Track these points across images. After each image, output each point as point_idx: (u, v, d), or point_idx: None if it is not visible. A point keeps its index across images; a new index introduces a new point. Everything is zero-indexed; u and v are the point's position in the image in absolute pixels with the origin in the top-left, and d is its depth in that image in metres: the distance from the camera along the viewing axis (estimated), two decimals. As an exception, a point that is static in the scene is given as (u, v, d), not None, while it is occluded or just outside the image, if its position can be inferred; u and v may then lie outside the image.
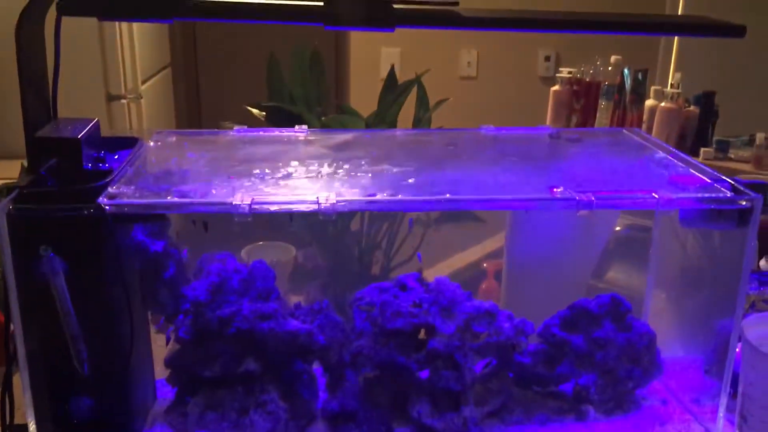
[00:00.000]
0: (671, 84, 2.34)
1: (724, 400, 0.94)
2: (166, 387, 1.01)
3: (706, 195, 0.87)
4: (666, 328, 1.06)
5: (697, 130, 2.28)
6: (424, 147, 1.10)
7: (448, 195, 0.87)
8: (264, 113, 1.41)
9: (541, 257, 1.26)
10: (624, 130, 1.12)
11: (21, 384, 0.85)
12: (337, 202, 0.82)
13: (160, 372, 1.02)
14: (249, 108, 1.42)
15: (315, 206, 0.82)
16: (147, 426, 0.97)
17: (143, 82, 2.57)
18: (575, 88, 2.43)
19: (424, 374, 0.96)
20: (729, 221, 0.88)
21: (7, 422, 0.90)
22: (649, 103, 2.32)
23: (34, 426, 0.86)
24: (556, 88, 2.47)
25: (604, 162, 1.04)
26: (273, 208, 0.83)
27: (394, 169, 0.94)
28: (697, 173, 0.94)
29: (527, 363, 0.99)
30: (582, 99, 2.41)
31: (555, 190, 0.87)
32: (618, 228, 1.59)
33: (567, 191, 0.86)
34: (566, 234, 1.26)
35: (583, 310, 1.00)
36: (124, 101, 2.42)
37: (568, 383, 1.02)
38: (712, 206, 0.87)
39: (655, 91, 2.33)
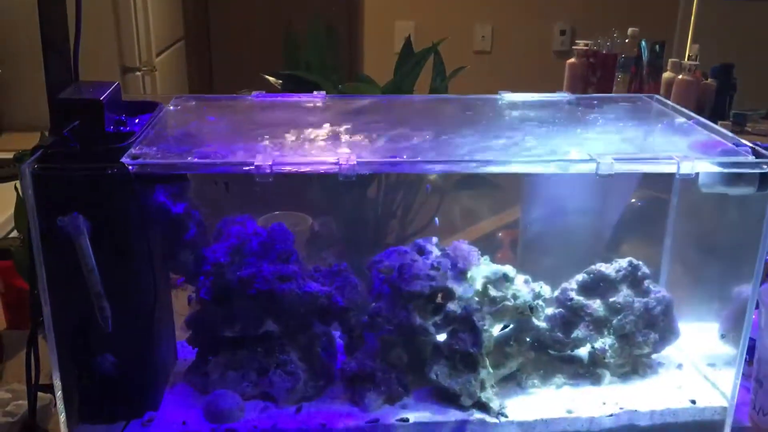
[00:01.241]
0: (689, 56, 2.31)
1: (740, 366, 0.95)
2: (186, 349, 1.03)
3: (727, 158, 0.87)
4: (682, 295, 1.06)
5: (714, 103, 2.26)
6: (442, 112, 1.10)
7: (466, 157, 0.87)
8: (280, 81, 1.41)
9: (557, 226, 1.26)
10: (644, 97, 1.12)
11: (47, 344, 0.86)
12: (357, 162, 0.82)
13: (181, 336, 1.04)
14: (265, 76, 1.42)
15: (335, 167, 0.82)
16: (169, 385, 0.98)
17: (157, 55, 2.57)
18: (591, 60, 2.40)
19: (442, 337, 0.97)
20: (749, 185, 0.87)
21: (33, 382, 0.92)
22: (666, 75, 2.30)
23: (59, 383, 0.88)
24: (572, 60, 2.45)
25: (624, 127, 1.03)
26: (294, 169, 0.83)
27: (413, 133, 0.94)
28: (718, 137, 0.94)
29: (544, 327, 1.00)
30: (598, 71, 2.39)
31: (574, 152, 0.87)
32: (633, 200, 1.58)
33: (587, 153, 0.86)
34: (582, 203, 1.25)
35: (600, 274, 1.00)
36: (138, 73, 2.42)
37: (585, 348, 1.02)
38: (733, 170, 0.87)
39: (673, 63, 2.30)
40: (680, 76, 2.24)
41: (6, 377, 1.07)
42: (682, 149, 0.91)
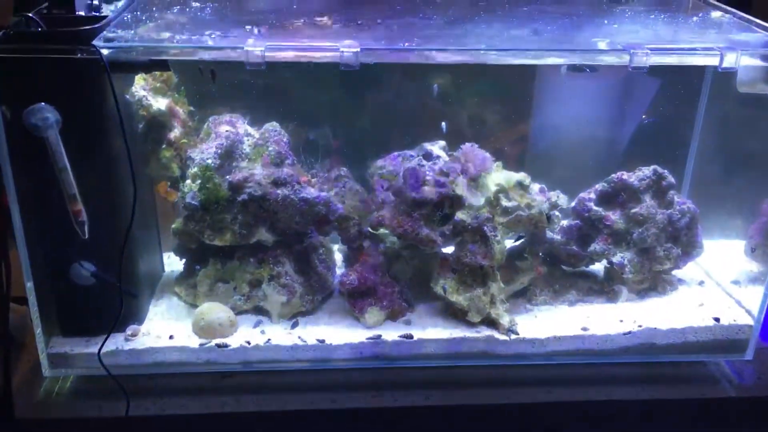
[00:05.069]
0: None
1: None
2: (174, 261, 0.96)
3: (773, 51, 0.78)
4: (706, 210, 0.98)
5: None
6: (454, 2, 0.99)
7: (483, 45, 0.78)
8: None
9: (570, 136, 1.17)
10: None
11: (18, 252, 0.79)
12: (361, 50, 0.73)
13: (168, 249, 0.96)
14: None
15: (336, 54, 0.73)
16: (155, 298, 0.91)
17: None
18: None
19: (450, 249, 0.89)
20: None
21: (4, 292, 0.84)
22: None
23: (33, 293, 0.80)
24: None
25: (658, 20, 0.93)
26: (289, 55, 0.74)
27: (422, 22, 0.84)
28: (759, 31, 0.85)
29: (559, 240, 0.93)
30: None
31: (603, 43, 0.77)
32: (645, 118, 1.49)
33: (619, 44, 0.76)
34: (598, 111, 1.16)
35: (622, 183, 0.93)
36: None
37: (601, 263, 0.96)
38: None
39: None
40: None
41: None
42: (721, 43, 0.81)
